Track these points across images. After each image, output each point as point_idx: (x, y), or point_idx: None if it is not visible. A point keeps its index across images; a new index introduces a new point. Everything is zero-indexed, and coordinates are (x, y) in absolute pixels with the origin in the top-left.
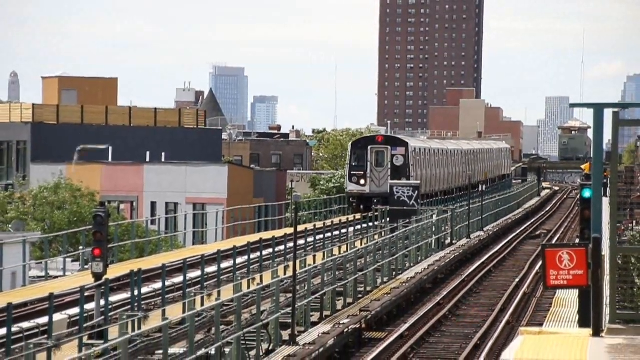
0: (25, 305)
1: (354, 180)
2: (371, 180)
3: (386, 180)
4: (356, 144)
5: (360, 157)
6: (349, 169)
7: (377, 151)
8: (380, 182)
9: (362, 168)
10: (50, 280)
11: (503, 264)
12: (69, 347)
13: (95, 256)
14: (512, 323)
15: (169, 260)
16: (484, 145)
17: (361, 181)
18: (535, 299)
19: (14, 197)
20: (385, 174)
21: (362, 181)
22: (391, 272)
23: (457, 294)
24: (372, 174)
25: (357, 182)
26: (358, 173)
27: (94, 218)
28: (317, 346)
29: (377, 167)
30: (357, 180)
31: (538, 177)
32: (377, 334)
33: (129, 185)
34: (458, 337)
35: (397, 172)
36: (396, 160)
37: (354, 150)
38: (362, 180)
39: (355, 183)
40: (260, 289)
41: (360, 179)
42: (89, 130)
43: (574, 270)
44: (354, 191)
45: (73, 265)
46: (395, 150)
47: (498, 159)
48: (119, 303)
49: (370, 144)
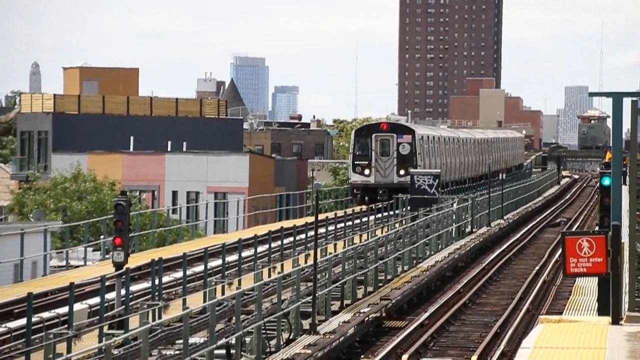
0: (45, 295)
1: (358, 171)
2: (376, 170)
3: (392, 170)
4: (359, 132)
5: (364, 146)
6: (352, 159)
7: (382, 139)
8: (385, 172)
9: (367, 157)
10: (70, 270)
11: (523, 252)
12: (89, 337)
13: (117, 245)
14: (531, 311)
15: (190, 250)
16: (498, 134)
17: (365, 171)
18: (554, 287)
19: (34, 186)
20: (391, 163)
21: (367, 171)
22: (412, 260)
23: (477, 282)
24: (377, 164)
25: (361, 172)
26: (362, 163)
27: (115, 207)
28: (337, 335)
29: (382, 156)
30: (361, 171)
31: (558, 166)
32: (398, 323)
33: (150, 175)
34: (478, 326)
35: (404, 162)
36: (402, 149)
37: (357, 139)
38: (367, 170)
39: (359, 173)
40: (281, 277)
41: (364, 169)
42: (110, 120)
43: (593, 258)
44: (358, 182)
45: (94, 254)
46: (401, 139)
47: (513, 148)
48: (140, 292)
49: (375, 132)
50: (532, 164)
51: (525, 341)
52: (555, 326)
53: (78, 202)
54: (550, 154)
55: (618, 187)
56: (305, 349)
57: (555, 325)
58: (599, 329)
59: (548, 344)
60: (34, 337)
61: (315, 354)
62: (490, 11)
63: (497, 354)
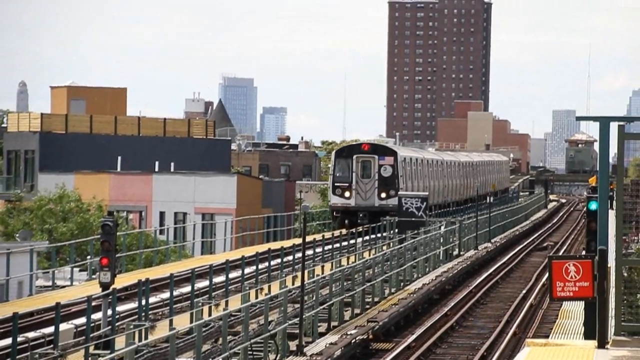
0: (31, 315)
1: (338, 193)
2: (357, 193)
3: (373, 193)
4: (340, 153)
5: (344, 167)
6: (332, 180)
7: (363, 161)
8: (366, 195)
9: (347, 179)
10: (57, 290)
11: (510, 276)
12: (75, 357)
13: (103, 266)
14: (518, 334)
15: (177, 270)
16: (484, 157)
17: (346, 193)
18: (541, 311)
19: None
20: (372, 185)
21: (347, 193)
22: (399, 282)
23: (464, 305)
24: (358, 186)
25: (341, 194)
26: (342, 185)
27: (102, 227)
28: (324, 357)
29: (363, 178)
30: (341, 193)
31: (545, 190)
32: (385, 345)
33: (137, 195)
34: (465, 348)
35: (385, 184)
36: (384, 171)
37: (337, 160)
38: (347, 192)
39: (339, 195)
40: (268, 299)
41: (344, 191)
42: (97, 140)
43: (580, 282)
44: (338, 204)
45: (80, 274)
46: (383, 160)
47: (499, 172)
48: (126, 313)
49: (356, 153)
50: (519, 188)
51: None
52: (541, 349)
53: (63, 223)
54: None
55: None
56: None
57: (542, 349)
58: (585, 352)
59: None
60: (19, 356)
61: None
62: (479, 34)
63: None
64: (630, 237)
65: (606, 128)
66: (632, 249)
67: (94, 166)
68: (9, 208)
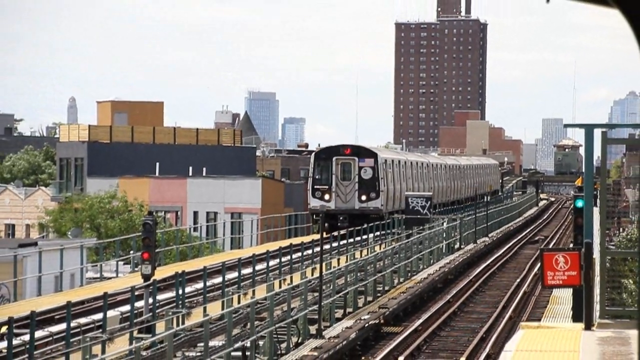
0: (82, 303)
1: (318, 195)
2: (336, 195)
3: (353, 195)
4: (320, 155)
5: (324, 170)
6: (312, 183)
7: (343, 163)
8: (346, 198)
9: (327, 182)
10: (104, 281)
11: (506, 266)
12: (120, 340)
13: (144, 259)
14: (513, 318)
15: (209, 263)
16: (472, 161)
17: (325, 196)
18: (534, 297)
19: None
20: (352, 188)
21: (327, 196)
22: (407, 273)
23: (465, 292)
24: (338, 188)
25: (321, 197)
26: (322, 187)
27: (143, 226)
28: (340, 339)
29: (343, 180)
30: (321, 195)
31: (536, 189)
32: (394, 329)
33: (173, 197)
34: (466, 331)
35: (365, 186)
36: (364, 173)
37: (317, 162)
38: (327, 195)
39: (319, 198)
40: (291, 288)
41: (324, 194)
42: (138, 148)
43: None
44: (318, 207)
45: (124, 267)
46: (363, 162)
47: (487, 174)
48: (165, 301)
49: (336, 155)
50: (513, 188)
51: (508, 345)
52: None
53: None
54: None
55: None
56: (312, 352)
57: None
58: (574, 334)
59: (528, 347)
60: (72, 340)
61: (321, 356)
62: (476, 52)
63: (482, 356)
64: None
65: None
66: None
67: (135, 171)
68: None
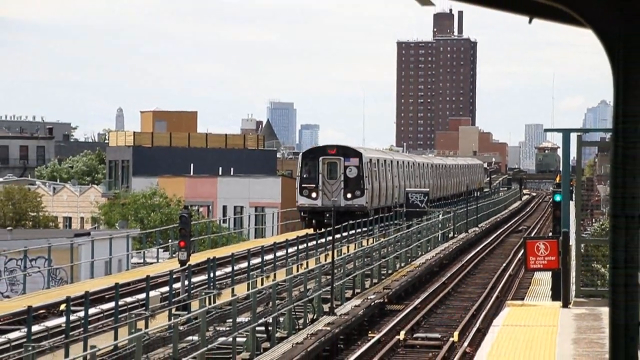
0: (128, 285)
1: (305, 194)
2: (323, 194)
3: (339, 193)
4: (307, 155)
5: (311, 169)
6: (300, 182)
7: (330, 162)
8: (332, 195)
9: (314, 180)
10: (146, 266)
11: (493, 252)
12: (161, 316)
13: (181, 247)
14: (500, 298)
15: (236, 250)
16: (458, 161)
17: (312, 194)
18: (518, 279)
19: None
20: (338, 186)
21: (314, 194)
22: (407, 258)
23: (458, 275)
24: (324, 187)
25: (308, 195)
26: (309, 186)
27: (180, 218)
28: (350, 316)
29: (330, 179)
30: (308, 194)
31: (520, 186)
32: (397, 307)
33: (206, 193)
34: (459, 309)
35: (351, 185)
36: (349, 172)
37: (304, 162)
38: (314, 193)
39: (307, 196)
40: (307, 272)
41: (311, 192)
42: (175, 151)
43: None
44: (305, 205)
45: (164, 254)
46: (348, 162)
47: (471, 174)
48: (199, 283)
49: (322, 155)
50: (500, 184)
51: (496, 320)
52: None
53: (152, 213)
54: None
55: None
56: (325, 327)
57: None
58: (553, 311)
59: (513, 323)
60: (120, 316)
61: (333, 330)
62: (467, 66)
63: (474, 330)
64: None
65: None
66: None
67: (173, 171)
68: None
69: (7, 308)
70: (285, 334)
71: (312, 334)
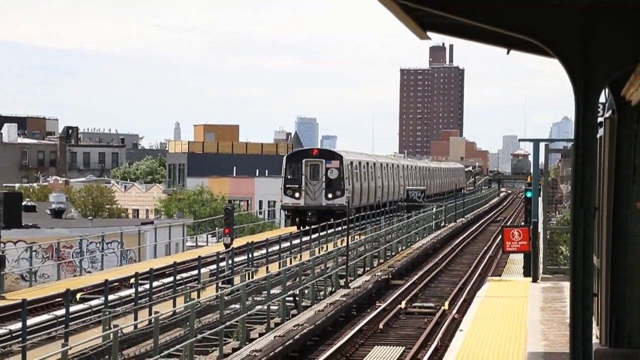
0: (184, 263)
1: (289, 194)
2: (306, 194)
3: (321, 194)
4: (291, 158)
5: (295, 171)
6: (284, 182)
7: (312, 164)
8: (314, 195)
9: (297, 181)
10: (198, 248)
11: (477, 238)
12: (210, 288)
13: (226, 233)
14: (482, 274)
15: (270, 236)
16: (441, 165)
17: (296, 194)
18: (496, 260)
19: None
20: (320, 187)
21: (297, 194)
22: (407, 243)
23: (448, 256)
24: (307, 187)
25: (292, 195)
26: (293, 186)
27: (225, 210)
28: (361, 289)
29: (312, 180)
30: (292, 194)
31: (498, 185)
32: (399, 282)
33: (246, 191)
34: (449, 283)
35: (332, 185)
36: (330, 174)
37: (289, 164)
38: (297, 193)
39: (290, 196)
40: (327, 253)
41: (295, 192)
42: (221, 157)
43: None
44: (289, 204)
45: (212, 239)
46: (329, 164)
47: (453, 176)
48: (240, 262)
49: (305, 157)
50: (482, 184)
51: (479, 292)
52: (497, 283)
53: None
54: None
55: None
56: (342, 297)
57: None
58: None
59: (493, 294)
60: (177, 288)
61: (348, 300)
62: (456, 89)
63: (461, 300)
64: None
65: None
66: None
67: (219, 173)
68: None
69: (88, 281)
70: (309, 303)
71: (331, 303)
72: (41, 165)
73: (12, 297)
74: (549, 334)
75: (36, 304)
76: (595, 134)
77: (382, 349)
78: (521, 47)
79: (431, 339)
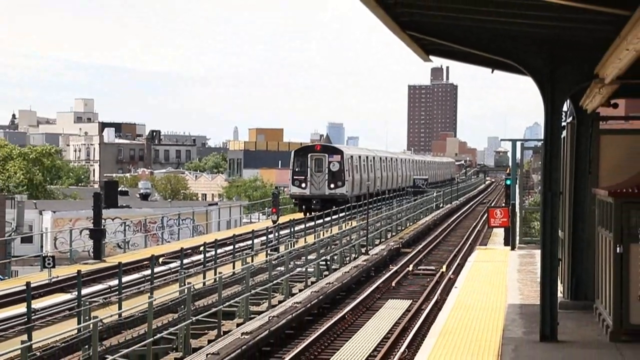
0: (240, 235)
1: (296, 184)
2: (311, 184)
3: (324, 184)
4: (298, 152)
5: (302, 164)
6: (292, 174)
7: (316, 158)
8: (319, 186)
9: (304, 173)
10: (252, 224)
11: (467, 216)
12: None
13: (273, 212)
14: (472, 244)
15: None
16: (434, 159)
17: (302, 185)
18: (483, 233)
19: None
20: (323, 178)
21: (303, 184)
22: (414, 220)
23: (445, 230)
24: (312, 179)
25: (299, 185)
26: (300, 177)
27: (272, 194)
28: (378, 255)
29: (317, 172)
30: (299, 184)
31: (484, 175)
32: (407, 250)
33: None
34: (446, 251)
35: (334, 177)
36: (332, 166)
37: (296, 158)
38: (303, 184)
39: (297, 186)
40: (351, 228)
41: (301, 183)
42: (270, 154)
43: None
44: (297, 193)
45: (262, 217)
46: (332, 158)
47: (445, 168)
48: (284, 235)
49: (311, 152)
50: (472, 174)
51: (470, 258)
52: (484, 251)
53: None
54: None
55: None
56: (363, 262)
57: (484, 251)
58: (505, 252)
59: (480, 259)
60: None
61: (367, 264)
62: (452, 100)
63: (455, 264)
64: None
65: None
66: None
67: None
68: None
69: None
70: (338, 266)
71: (354, 266)
72: (132, 160)
73: (111, 260)
74: (524, 289)
75: (129, 266)
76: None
77: (394, 301)
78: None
79: (433, 293)
